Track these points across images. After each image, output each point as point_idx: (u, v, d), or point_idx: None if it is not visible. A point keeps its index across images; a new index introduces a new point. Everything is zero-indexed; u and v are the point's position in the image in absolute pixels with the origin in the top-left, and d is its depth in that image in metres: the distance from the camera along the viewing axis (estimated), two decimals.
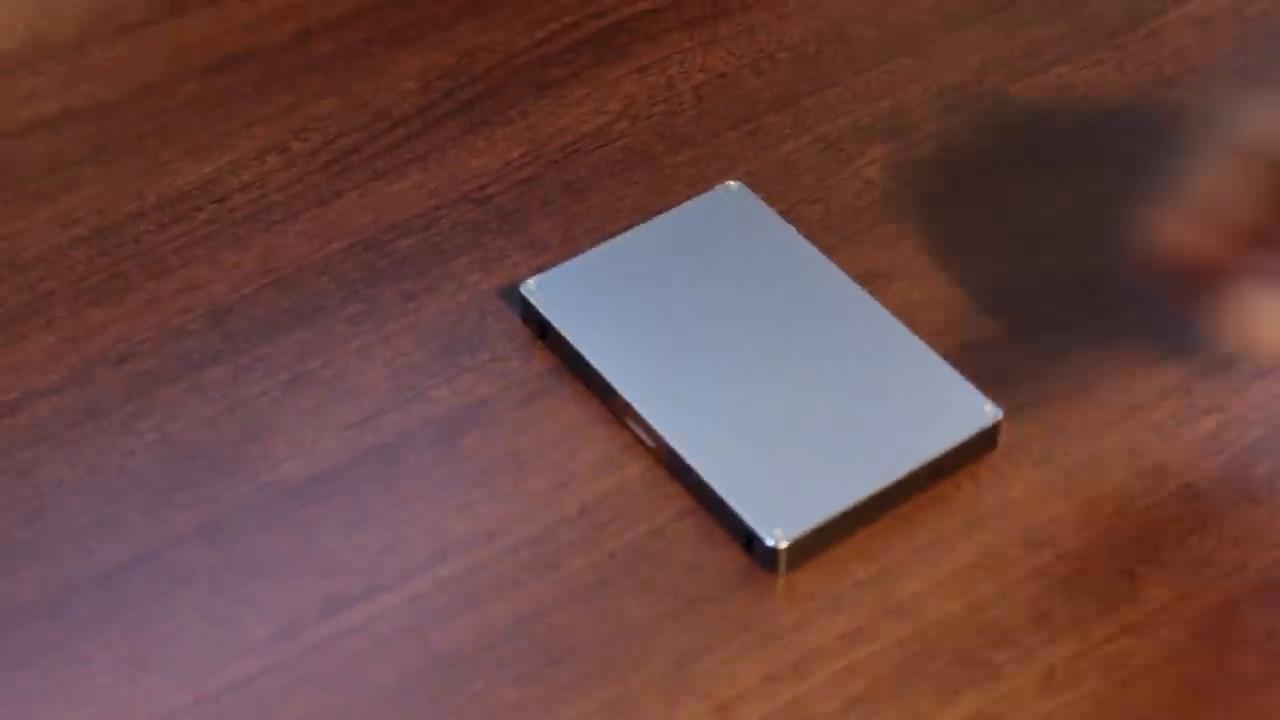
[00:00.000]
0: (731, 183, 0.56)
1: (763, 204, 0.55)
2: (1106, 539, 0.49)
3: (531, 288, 0.53)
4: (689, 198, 0.57)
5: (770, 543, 0.48)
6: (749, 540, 0.48)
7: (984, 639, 0.47)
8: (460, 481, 0.50)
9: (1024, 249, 0.56)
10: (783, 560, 0.48)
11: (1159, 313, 0.54)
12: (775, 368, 0.51)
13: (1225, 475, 0.50)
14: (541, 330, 0.53)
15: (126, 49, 0.62)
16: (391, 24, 0.63)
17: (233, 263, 0.56)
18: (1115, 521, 0.50)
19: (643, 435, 0.51)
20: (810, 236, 0.56)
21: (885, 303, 0.54)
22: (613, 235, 0.56)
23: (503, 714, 0.46)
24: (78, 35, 0.62)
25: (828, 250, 0.55)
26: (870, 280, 0.55)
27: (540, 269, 0.55)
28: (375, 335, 0.54)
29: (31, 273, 0.55)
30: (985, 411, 0.50)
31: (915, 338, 0.52)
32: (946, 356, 0.53)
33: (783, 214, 0.56)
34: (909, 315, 0.54)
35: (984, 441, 0.50)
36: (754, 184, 0.57)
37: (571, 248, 0.56)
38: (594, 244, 0.56)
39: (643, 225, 0.54)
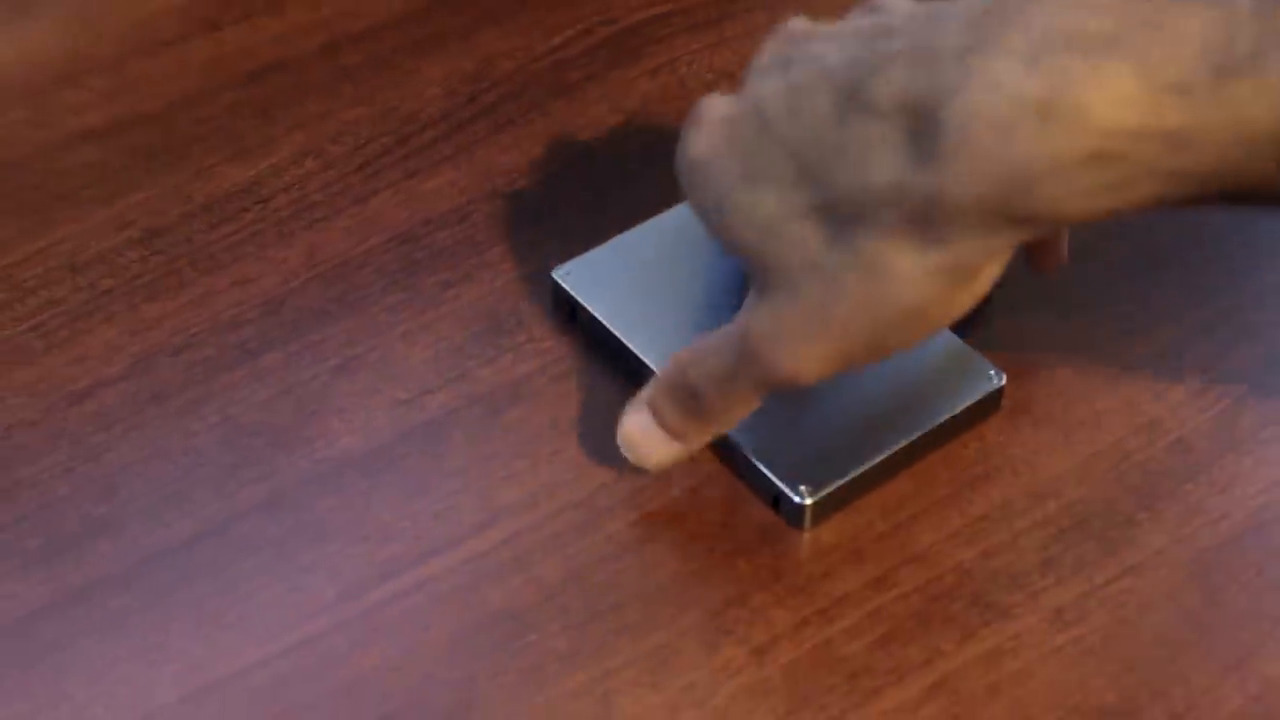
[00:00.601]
0: None
1: None
2: (1106, 490, 0.53)
3: (563, 273, 0.57)
4: None
5: (797, 500, 0.51)
6: (777, 499, 0.52)
7: (996, 583, 0.51)
8: (504, 453, 0.54)
9: None
10: (808, 515, 0.52)
11: (1149, 283, 0.58)
12: None
13: (1213, 429, 0.54)
14: (572, 312, 0.57)
15: (165, 63, 0.65)
16: (414, 35, 0.66)
17: (279, 258, 0.59)
18: (1113, 474, 0.53)
19: None
20: None
21: None
22: (635, 223, 0.60)
23: (554, 662, 0.49)
24: (117, 51, 0.66)
25: None
26: None
27: (569, 257, 0.59)
28: (417, 322, 0.57)
29: (90, 272, 0.59)
30: (990, 376, 0.54)
31: None
32: (952, 326, 0.57)
33: None
34: None
35: (990, 403, 0.54)
36: None
37: (597, 236, 0.60)
38: (618, 232, 0.60)
39: (664, 213, 0.58)
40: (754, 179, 0.47)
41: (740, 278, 0.57)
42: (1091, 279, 0.58)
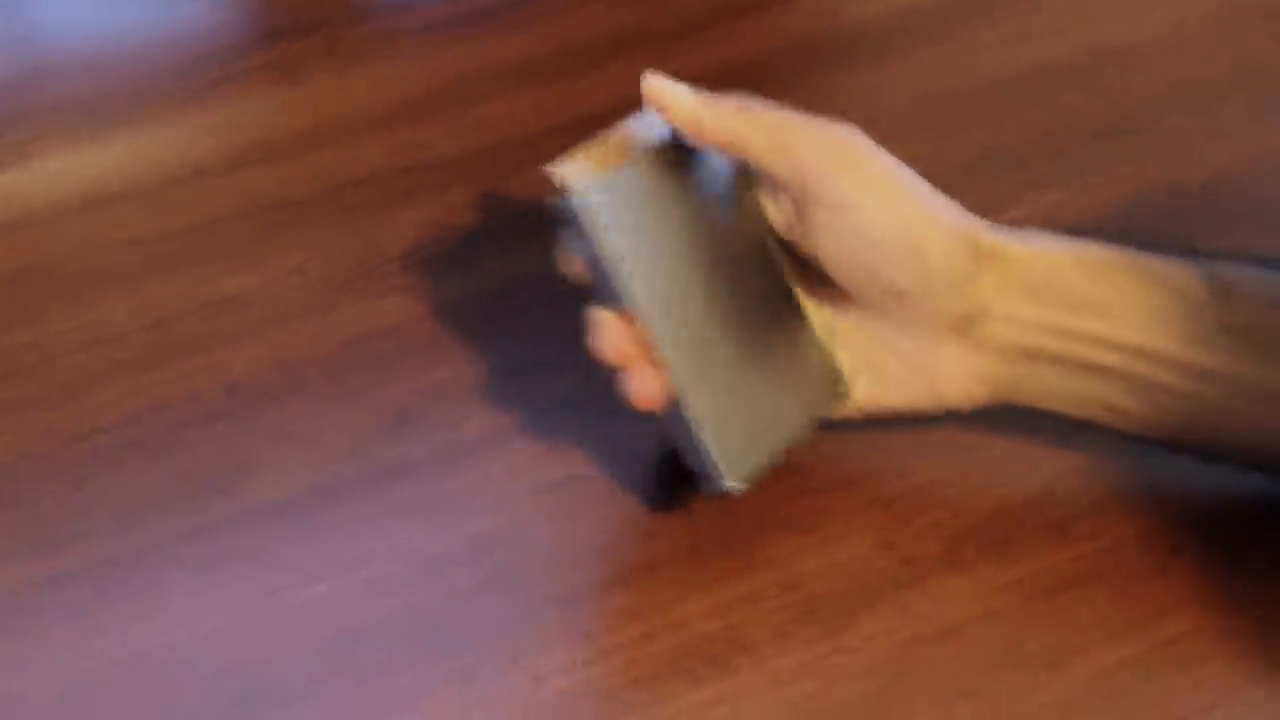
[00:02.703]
0: None
1: None
2: (829, 588, 0.67)
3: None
4: None
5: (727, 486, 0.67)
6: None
7: (733, 648, 0.66)
8: (386, 514, 0.70)
9: None
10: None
11: (887, 428, 0.73)
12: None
13: (940, 553, 0.69)
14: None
15: (197, 191, 0.83)
16: (399, 186, 0.84)
17: (251, 350, 0.76)
18: (854, 575, 0.68)
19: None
20: None
21: None
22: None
23: (386, 666, 0.65)
24: (162, 179, 0.84)
25: None
26: None
27: (495, 381, 0.75)
28: (348, 408, 0.74)
29: (108, 347, 0.76)
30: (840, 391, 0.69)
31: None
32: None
33: None
34: None
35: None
36: None
37: (521, 378, 0.76)
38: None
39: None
40: None
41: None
42: (873, 424, 0.73)
